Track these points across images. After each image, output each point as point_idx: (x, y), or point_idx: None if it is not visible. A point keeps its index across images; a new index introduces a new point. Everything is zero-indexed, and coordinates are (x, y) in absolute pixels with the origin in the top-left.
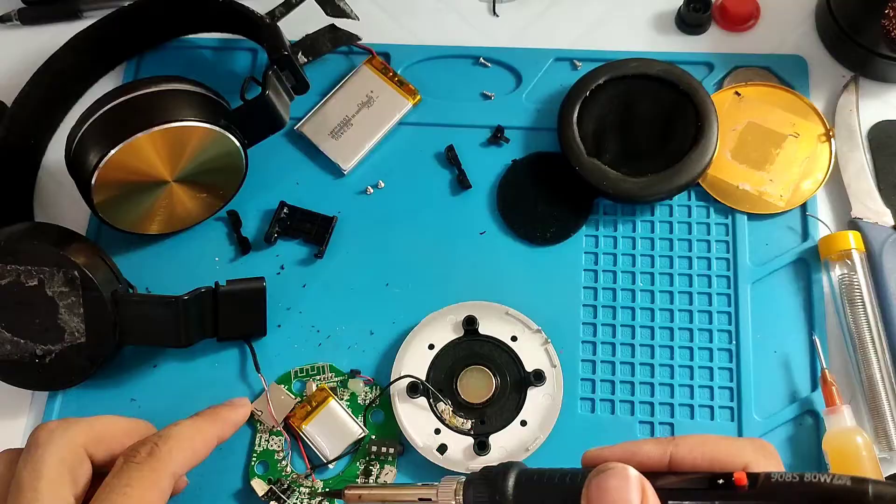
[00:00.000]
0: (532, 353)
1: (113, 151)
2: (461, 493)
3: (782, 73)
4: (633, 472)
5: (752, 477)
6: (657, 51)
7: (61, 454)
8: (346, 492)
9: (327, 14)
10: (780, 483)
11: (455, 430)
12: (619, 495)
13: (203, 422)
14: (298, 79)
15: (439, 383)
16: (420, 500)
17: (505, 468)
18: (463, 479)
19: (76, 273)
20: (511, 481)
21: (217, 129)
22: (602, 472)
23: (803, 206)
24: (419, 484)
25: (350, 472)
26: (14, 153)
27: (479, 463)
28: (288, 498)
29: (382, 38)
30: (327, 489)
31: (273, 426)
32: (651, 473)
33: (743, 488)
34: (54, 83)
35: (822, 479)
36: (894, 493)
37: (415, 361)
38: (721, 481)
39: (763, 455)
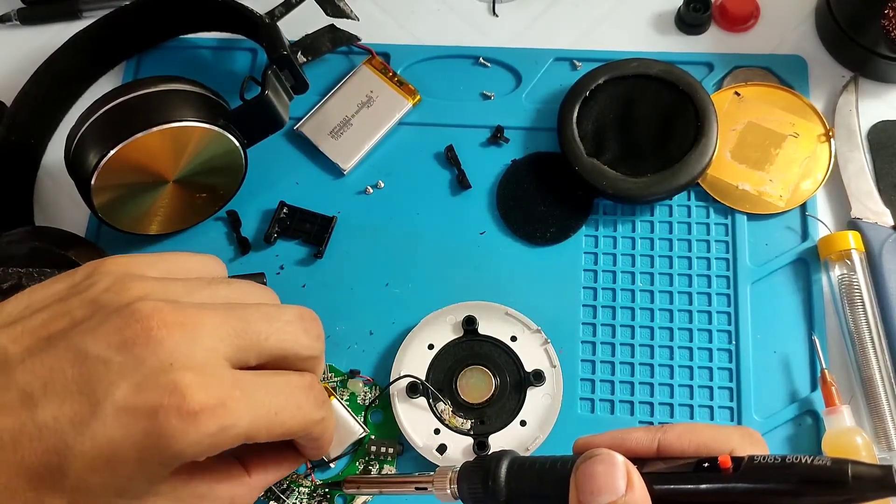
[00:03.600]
0: (532, 353)
1: (113, 151)
2: (456, 480)
3: (782, 73)
4: (619, 458)
5: (737, 460)
6: (657, 51)
7: None
8: (345, 482)
9: (327, 14)
10: (763, 465)
11: (455, 431)
12: (604, 480)
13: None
14: (298, 78)
15: (439, 383)
16: (416, 488)
17: (498, 456)
18: (458, 467)
19: None
20: (504, 468)
21: (216, 128)
22: (589, 458)
23: (803, 206)
24: (416, 474)
25: (349, 473)
26: (14, 153)
27: None
28: (287, 498)
29: (382, 38)
30: (328, 481)
31: None
32: (640, 460)
33: (727, 471)
34: (54, 83)
35: (804, 460)
36: (873, 472)
37: (414, 361)
38: (706, 465)
39: (749, 442)
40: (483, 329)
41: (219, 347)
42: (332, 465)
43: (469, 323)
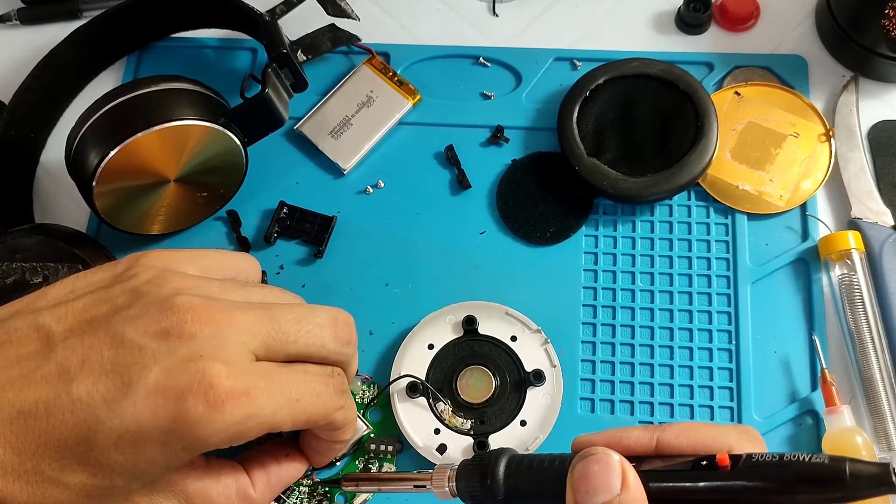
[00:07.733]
0: (532, 353)
1: (113, 152)
2: (454, 478)
3: (782, 73)
4: (615, 457)
5: (735, 458)
6: (657, 51)
7: None
8: (343, 480)
9: (328, 14)
10: (761, 462)
11: (455, 430)
12: (600, 479)
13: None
14: (297, 77)
15: (439, 383)
16: (415, 486)
17: (497, 454)
18: (456, 465)
19: (80, 267)
20: (502, 466)
21: (217, 127)
22: (584, 458)
23: (803, 206)
24: (414, 472)
25: (349, 471)
26: (13, 148)
27: None
28: (288, 497)
29: (382, 38)
30: (328, 479)
31: None
32: (638, 458)
33: (725, 468)
34: (54, 78)
35: (802, 458)
36: (871, 470)
37: (414, 361)
38: (704, 463)
39: (748, 440)
40: (483, 329)
41: (249, 343)
42: (338, 462)
43: (469, 323)
